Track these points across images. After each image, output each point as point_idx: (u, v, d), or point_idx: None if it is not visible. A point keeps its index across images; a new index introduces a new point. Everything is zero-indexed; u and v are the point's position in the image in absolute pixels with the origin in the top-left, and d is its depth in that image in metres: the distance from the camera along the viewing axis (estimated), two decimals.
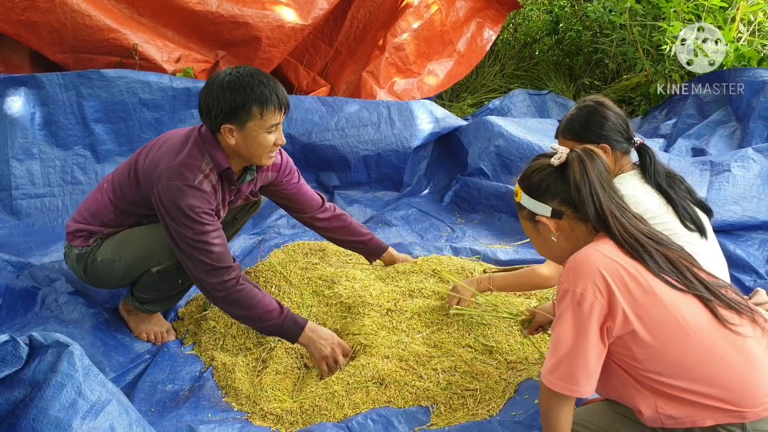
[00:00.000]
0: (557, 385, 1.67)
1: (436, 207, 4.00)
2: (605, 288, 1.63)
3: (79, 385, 1.40)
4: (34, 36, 3.59)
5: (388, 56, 4.69)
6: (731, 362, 1.61)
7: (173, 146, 2.40)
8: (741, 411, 1.60)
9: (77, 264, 2.59)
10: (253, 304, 2.37)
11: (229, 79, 2.28)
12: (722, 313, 1.65)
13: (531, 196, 1.83)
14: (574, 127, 2.40)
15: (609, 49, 5.52)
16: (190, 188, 2.30)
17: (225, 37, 4.02)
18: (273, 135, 2.36)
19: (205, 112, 2.34)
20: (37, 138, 3.44)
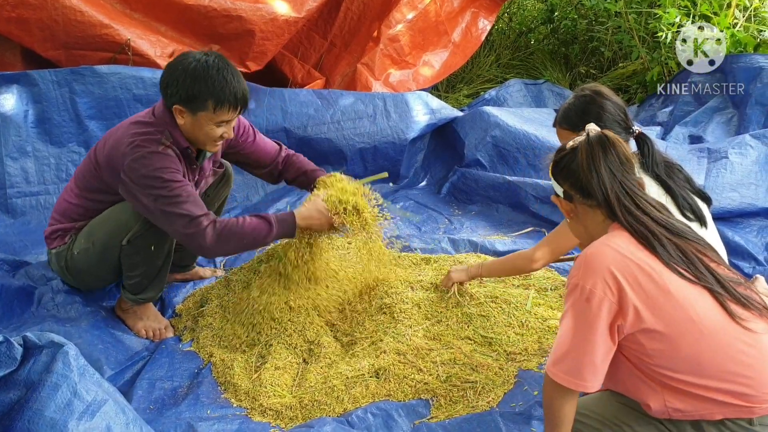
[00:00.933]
0: (562, 378, 1.65)
1: (433, 199, 3.99)
2: (616, 286, 1.60)
3: (75, 386, 1.38)
4: (26, 33, 3.55)
5: (382, 48, 4.66)
6: (744, 359, 1.59)
7: (131, 127, 2.42)
8: (751, 407, 1.59)
9: (58, 264, 2.62)
10: (243, 231, 2.40)
11: (195, 66, 2.29)
12: (733, 308, 1.62)
13: (552, 173, 1.84)
14: (571, 116, 2.38)
15: (605, 37, 5.49)
16: (155, 154, 2.33)
17: (218, 31, 3.98)
18: (221, 128, 2.39)
19: (163, 87, 2.36)
20: (30, 136, 3.42)
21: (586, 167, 1.73)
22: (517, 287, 2.75)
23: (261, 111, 3.85)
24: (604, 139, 1.76)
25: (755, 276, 2.95)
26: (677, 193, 2.30)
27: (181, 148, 2.42)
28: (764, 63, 4.10)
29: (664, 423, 1.70)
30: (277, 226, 2.45)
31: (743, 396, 1.59)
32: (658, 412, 1.67)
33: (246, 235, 2.40)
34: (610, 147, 1.75)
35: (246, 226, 2.41)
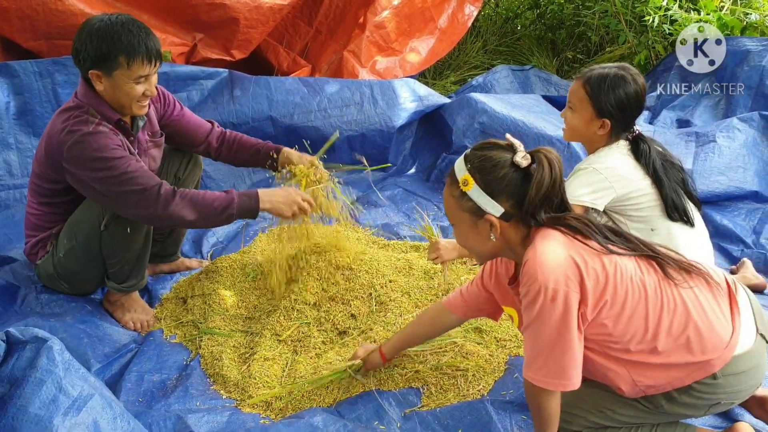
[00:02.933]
0: (549, 383, 1.66)
1: (422, 186, 3.97)
2: (575, 275, 1.61)
3: (60, 381, 1.36)
4: (5, 23, 3.51)
5: (368, 35, 4.63)
6: (686, 313, 1.67)
7: (59, 116, 2.40)
8: (708, 360, 1.67)
9: (48, 272, 2.60)
10: (202, 201, 2.36)
11: (99, 26, 2.26)
12: (669, 271, 1.69)
13: (486, 192, 1.69)
14: (601, 87, 2.33)
15: (591, 22, 5.48)
16: (89, 135, 2.29)
17: (202, 20, 3.95)
18: (141, 86, 2.35)
19: (74, 56, 2.33)
20: (13, 128, 3.37)
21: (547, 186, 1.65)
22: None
23: (246, 99, 3.81)
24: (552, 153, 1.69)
25: (742, 260, 2.97)
26: (667, 195, 2.30)
27: (112, 122, 2.38)
28: (751, 46, 4.11)
29: (640, 401, 1.77)
30: (238, 199, 2.39)
31: (695, 349, 1.67)
32: (631, 392, 1.74)
33: (206, 204, 2.35)
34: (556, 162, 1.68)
35: (207, 195, 2.37)
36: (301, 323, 2.53)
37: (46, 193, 2.52)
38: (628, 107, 2.34)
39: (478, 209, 1.71)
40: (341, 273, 2.67)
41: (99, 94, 2.37)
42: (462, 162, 1.73)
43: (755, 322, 1.77)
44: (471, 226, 1.75)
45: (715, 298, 1.72)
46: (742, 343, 1.70)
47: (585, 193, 2.30)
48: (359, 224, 3.44)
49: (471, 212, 1.73)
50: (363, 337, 2.45)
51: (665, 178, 2.31)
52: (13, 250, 2.96)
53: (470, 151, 1.75)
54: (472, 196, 1.70)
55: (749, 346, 1.72)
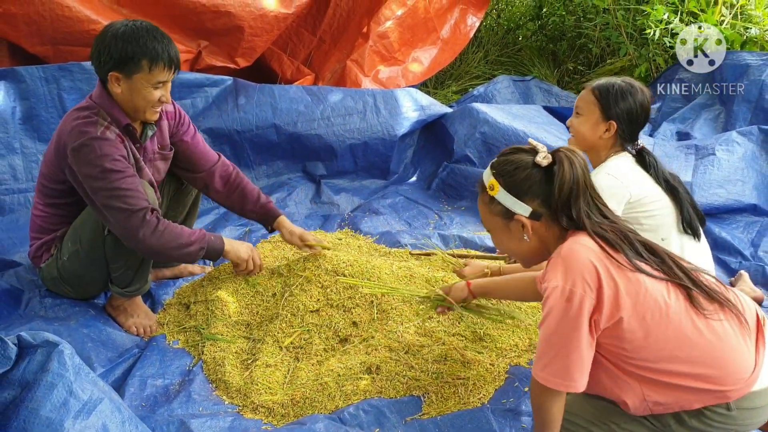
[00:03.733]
0: (552, 381, 1.68)
1: (423, 194, 4.00)
2: (594, 281, 1.63)
3: (71, 385, 1.38)
4: (13, 28, 3.53)
5: (372, 44, 4.66)
6: (710, 345, 1.66)
7: (70, 114, 2.44)
8: (723, 390, 1.66)
9: (50, 275, 2.62)
10: (178, 234, 2.46)
11: (124, 30, 2.32)
12: (700, 300, 1.68)
13: (512, 193, 1.77)
14: (608, 92, 2.40)
15: (592, 34, 5.52)
16: (95, 140, 2.34)
17: (207, 27, 3.97)
18: (159, 91, 2.40)
19: (95, 58, 2.38)
20: (18, 132, 3.39)
21: (568, 183, 1.72)
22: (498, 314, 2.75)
23: (251, 107, 3.84)
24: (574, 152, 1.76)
25: (739, 272, 2.99)
26: (684, 206, 2.34)
27: (121, 126, 2.43)
28: (750, 60, 4.14)
29: (648, 419, 1.76)
30: (208, 242, 2.54)
31: (713, 379, 1.66)
32: (637, 408, 1.74)
33: (180, 237, 2.45)
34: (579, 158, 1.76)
35: (183, 229, 2.48)
36: (302, 330, 2.55)
37: (53, 193, 2.55)
38: (635, 115, 2.38)
39: (507, 211, 1.79)
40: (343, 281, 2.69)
41: (114, 97, 2.41)
42: (489, 169, 1.83)
43: None
44: (504, 229, 1.83)
45: (743, 331, 1.71)
46: (762, 379, 1.69)
47: None
48: (360, 232, 3.46)
49: (501, 215, 1.80)
50: (364, 344, 2.47)
51: (680, 188, 2.35)
52: (17, 254, 2.98)
53: (496, 159, 1.84)
54: (500, 199, 1.78)
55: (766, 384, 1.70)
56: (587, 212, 1.73)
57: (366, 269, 2.72)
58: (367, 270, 2.72)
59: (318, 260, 2.77)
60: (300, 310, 2.61)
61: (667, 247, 2.30)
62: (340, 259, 2.79)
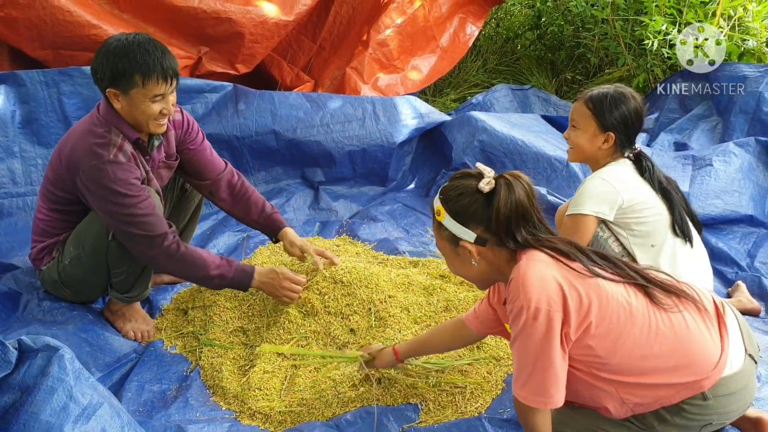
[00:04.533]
0: (531, 399, 1.71)
1: (421, 202, 4.00)
2: (558, 294, 1.66)
3: (71, 389, 1.38)
4: (13, 32, 3.53)
5: (371, 52, 4.68)
6: (675, 337, 1.70)
7: (82, 131, 2.43)
8: (696, 380, 1.70)
9: (51, 278, 2.62)
10: (200, 262, 2.44)
11: (116, 45, 2.31)
12: (657, 296, 1.73)
13: (456, 219, 1.79)
14: (602, 104, 2.42)
15: (591, 44, 5.54)
16: (108, 164, 2.33)
17: (207, 33, 3.98)
18: (158, 104, 2.37)
19: (93, 75, 2.38)
20: (18, 136, 3.39)
21: (504, 210, 1.73)
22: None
23: (250, 113, 3.84)
24: (516, 177, 1.77)
25: (737, 283, 3.00)
26: (676, 206, 2.36)
27: (132, 140, 2.42)
28: (748, 72, 4.17)
29: (632, 422, 1.80)
30: (234, 273, 2.50)
31: (684, 370, 1.70)
32: (618, 412, 1.78)
33: (201, 267, 2.44)
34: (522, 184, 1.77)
35: (207, 259, 2.46)
36: (300, 337, 2.55)
37: (58, 200, 2.54)
38: (631, 122, 2.41)
39: (454, 237, 1.81)
40: (340, 288, 2.69)
41: (118, 112, 2.41)
42: (438, 195, 1.85)
43: (743, 343, 1.81)
44: (453, 254, 1.85)
45: (704, 320, 1.76)
46: (731, 364, 1.74)
47: (592, 203, 2.36)
48: (358, 239, 3.47)
49: (449, 241, 1.83)
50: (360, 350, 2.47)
51: (674, 193, 2.37)
52: (16, 258, 2.98)
53: (445, 185, 1.86)
54: (446, 225, 1.80)
55: (738, 367, 1.76)
56: (533, 233, 1.76)
57: (364, 276, 2.73)
58: (365, 277, 2.73)
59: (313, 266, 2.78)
60: (298, 316, 2.61)
61: (658, 254, 2.35)
62: (339, 266, 2.79)
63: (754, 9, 4.34)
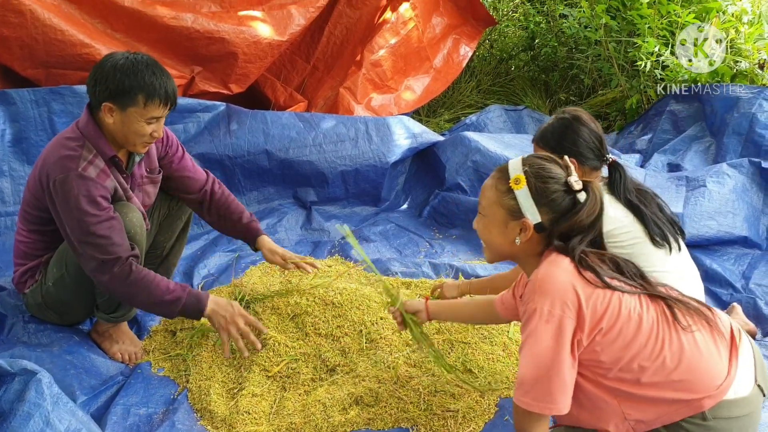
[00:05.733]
0: (535, 405, 1.67)
1: (414, 222, 3.98)
2: (574, 301, 1.65)
3: (47, 415, 1.34)
4: (5, 51, 3.52)
5: (365, 72, 4.68)
6: (681, 351, 1.68)
7: (56, 143, 2.41)
8: (698, 398, 1.67)
9: (35, 301, 2.58)
10: (152, 287, 2.35)
11: (124, 62, 2.30)
12: (675, 312, 1.72)
13: (533, 198, 1.76)
14: (548, 138, 2.44)
15: (584, 65, 5.56)
16: (75, 177, 2.30)
17: (201, 53, 3.97)
18: (151, 126, 2.37)
19: (91, 86, 2.35)
20: (7, 155, 3.37)
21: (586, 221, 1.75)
22: None
23: (243, 133, 3.83)
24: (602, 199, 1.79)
25: (732, 305, 2.98)
26: (648, 219, 2.32)
27: (107, 158, 2.40)
28: (741, 93, 4.18)
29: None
30: (187, 298, 2.39)
31: (686, 386, 1.67)
32: (620, 429, 1.74)
33: (153, 293, 2.35)
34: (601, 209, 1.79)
35: (161, 282, 2.37)
36: (290, 359, 2.51)
37: (37, 220, 2.51)
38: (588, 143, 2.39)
39: (517, 211, 1.77)
40: (331, 309, 2.66)
41: (103, 127, 2.39)
42: (519, 163, 1.80)
43: (755, 372, 1.77)
44: (501, 224, 1.81)
45: (714, 339, 1.74)
46: (736, 388, 1.71)
47: None
48: (350, 259, 3.44)
49: (508, 210, 1.79)
50: (353, 374, 2.43)
51: (642, 205, 2.33)
52: (2, 279, 2.94)
53: (530, 156, 1.82)
54: (518, 197, 1.76)
55: (744, 394, 1.72)
56: (583, 249, 1.74)
57: (355, 297, 2.70)
58: (356, 298, 2.70)
59: (307, 288, 2.75)
60: (287, 338, 2.58)
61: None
62: (330, 286, 2.76)
63: (746, 31, 4.35)
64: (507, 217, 1.79)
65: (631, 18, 4.75)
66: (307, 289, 2.78)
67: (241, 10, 4.10)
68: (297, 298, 2.73)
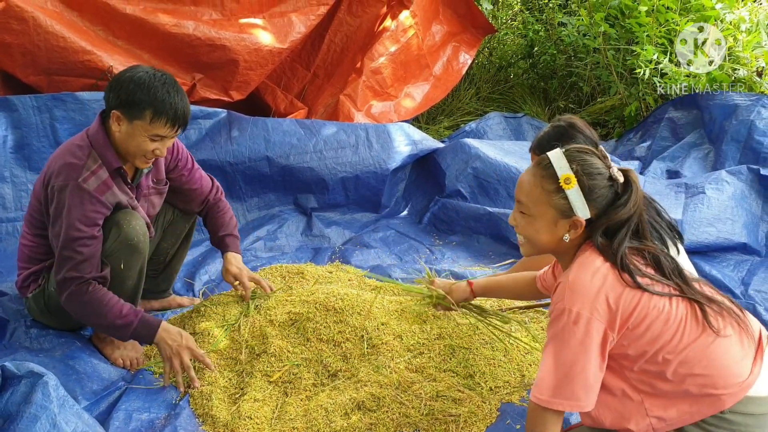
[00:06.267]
0: (554, 402, 1.67)
1: (414, 229, 3.99)
2: (603, 303, 1.65)
3: (54, 417, 1.35)
4: (7, 58, 3.54)
5: (365, 79, 4.70)
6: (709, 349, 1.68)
7: (62, 150, 2.45)
8: (720, 394, 1.67)
9: (37, 306, 2.59)
10: (103, 312, 2.37)
11: (141, 76, 2.33)
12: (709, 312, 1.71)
13: (585, 195, 1.73)
14: (545, 146, 2.47)
15: (583, 73, 5.59)
16: (75, 187, 2.33)
17: (202, 60, 4.00)
18: (154, 144, 2.39)
19: (107, 92, 2.38)
20: (9, 161, 3.38)
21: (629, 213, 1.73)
22: (500, 320, 2.75)
23: (244, 140, 3.84)
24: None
25: None
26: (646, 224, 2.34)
27: (112, 169, 2.42)
28: (739, 100, 4.20)
29: None
30: (138, 324, 2.41)
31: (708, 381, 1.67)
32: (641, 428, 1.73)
33: (105, 316, 2.37)
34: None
35: (115, 305, 2.38)
36: (291, 364, 2.52)
37: (41, 225, 2.53)
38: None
39: (569, 209, 1.74)
40: (333, 315, 2.67)
41: (110, 136, 2.41)
42: (563, 159, 1.76)
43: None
44: (550, 223, 1.77)
45: (742, 341, 1.74)
46: (758, 387, 1.70)
47: None
48: (351, 265, 3.44)
49: (559, 210, 1.75)
50: (354, 380, 2.44)
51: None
52: (4, 284, 2.95)
53: (571, 150, 1.78)
54: (570, 196, 1.73)
55: (765, 393, 1.71)
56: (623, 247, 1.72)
57: (356, 302, 2.71)
58: (357, 303, 2.70)
59: (306, 293, 2.75)
60: (289, 344, 2.58)
61: None
62: (330, 292, 2.77)
63: (744, 39, 4.38)
64: (557, 216, 1.76)
65: (630, 26, 4.78)
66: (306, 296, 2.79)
67: (242, 17, 4.13)
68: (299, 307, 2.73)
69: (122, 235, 2.42)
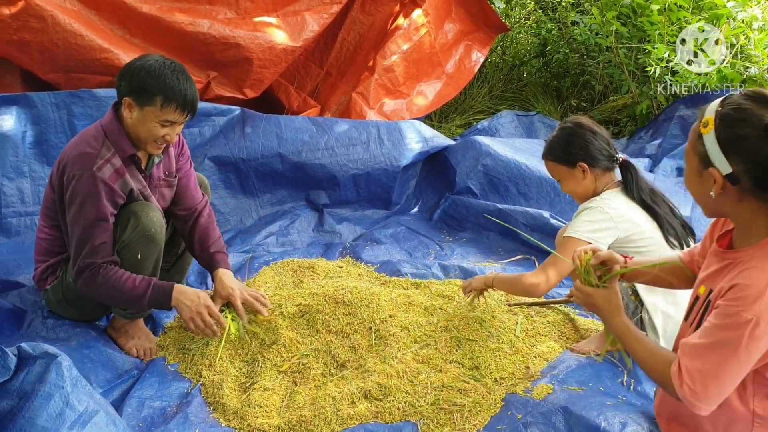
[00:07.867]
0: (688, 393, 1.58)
1: (424, 225, 4.03)
2: None
3: (67, 396, 1.40)
4: (26, 55, 3.61)
5: (377, 78, 4.74)
6: None
7: (76, 140, 2.51)
8: None
9: (56, 297, 2.65)
10: (117, 289, 2.43)
11: (152, 64, 2.40)
12: None
13: (720, 144, 1.51)
14: (556, 149, 2.50)
15: (595, 71, 5.60)
16: (89, 174, 2.39)
17: (216, 58, 4.06)
18: (165, 129, 2.45)
19: (118, 79, 2.45)
20: (28, 156, 3.45)
21: None
22: (506, 313, 2.78)
23: (257, 136, 3.90)
24: None
25: None
26: (663, 219, 2.37)
27: (126, 156, 2.48)
28: None
29: None
30: (152, 292, 2.46)
31: None
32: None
33: (120, 292, 2.44)
34: None
35: (127, 280, 2.44)
36: (301, 355, 2.57)
37: (56, 216, 2.59)
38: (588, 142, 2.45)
39: (706, 158, 1.55)
40: (342, 307, 2.71)
41: (123, 124, 2.48)
42: (718, 103, 1.56)
43: None
44: (696, 172, 1.61)
45: None
46: None
47: (587, 229, 2.37)
48: (361, 261, 3.49)
49: (699, 157, 1.57)
50: (362, 370, 2.48)
51: (655, 206, 2.38)
52: (22, 276, 3.02)
53: (736, 94, 1.56)
54: (706, 142, 1.54)
55: None
56: None
57: (365, 296, 2.75)
58: (366, 297, 2.75)
59: (317, 286, 2.80)
60: (298, 335, 2.63)
61: None
62: (340, 285, 2.81)
63: (755, 37, 4.38)
64: (699, 166, 1.58)
65: (642, 25, 4.79)
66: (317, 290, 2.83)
67: (257, 16, 4.19)
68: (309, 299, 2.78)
69: (140, 226, 2.48)
